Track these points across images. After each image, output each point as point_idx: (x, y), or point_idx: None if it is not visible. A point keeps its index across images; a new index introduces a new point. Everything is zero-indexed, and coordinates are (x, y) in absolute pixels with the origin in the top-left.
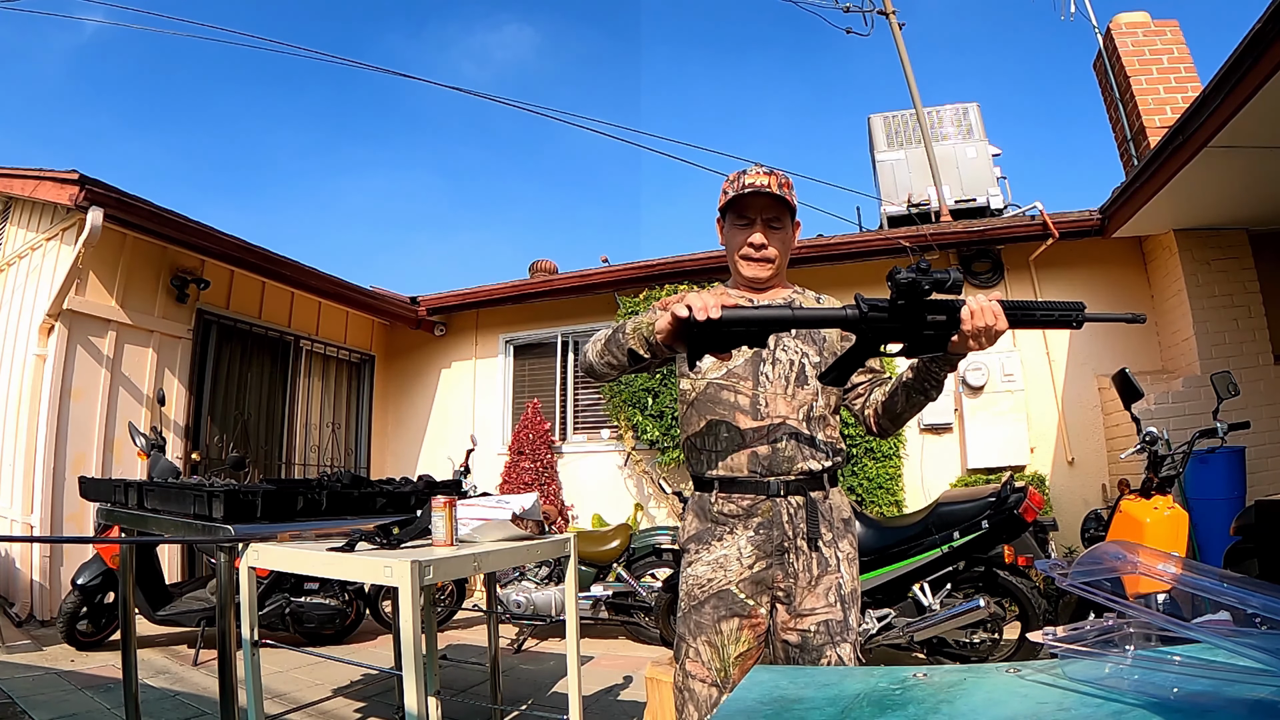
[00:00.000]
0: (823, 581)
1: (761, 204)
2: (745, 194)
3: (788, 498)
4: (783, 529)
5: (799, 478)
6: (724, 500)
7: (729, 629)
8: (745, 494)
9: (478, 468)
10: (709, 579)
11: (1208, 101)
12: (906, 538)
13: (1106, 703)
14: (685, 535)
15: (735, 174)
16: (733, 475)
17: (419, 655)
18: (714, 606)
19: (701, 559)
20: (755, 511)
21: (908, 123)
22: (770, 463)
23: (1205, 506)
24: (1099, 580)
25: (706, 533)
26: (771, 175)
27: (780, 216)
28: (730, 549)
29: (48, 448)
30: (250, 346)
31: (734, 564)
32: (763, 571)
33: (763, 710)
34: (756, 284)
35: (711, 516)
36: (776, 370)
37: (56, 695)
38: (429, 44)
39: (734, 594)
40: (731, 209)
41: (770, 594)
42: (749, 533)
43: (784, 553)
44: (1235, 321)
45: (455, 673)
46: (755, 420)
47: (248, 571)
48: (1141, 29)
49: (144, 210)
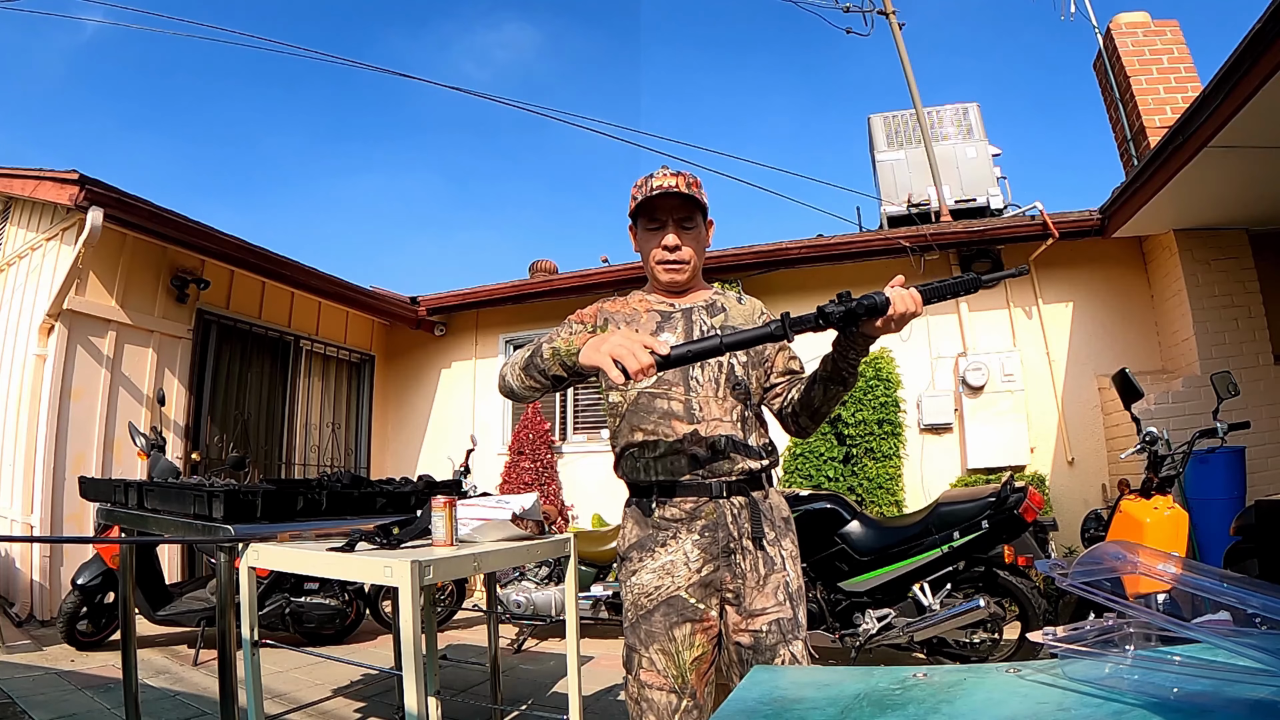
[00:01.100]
0: (770, 580)
1: (671, 205)
2: (654, 196)
3: (730, 498)
4: (728, 530)
5: (740, 478)
6: (665, 505)
7: (682, 635)
8: (687, 497)
9: (478, 468)
10: (656, 586)
11: (1208, 101)
12: (906, 538)
13: (1106, 703)
14: (625, 543)
15: (642, 179)
16: (673, 479)
17: (419, 655)
18: (664, 614)
19: (646, 566)
20: (699, 514)
21: (908, 123)
22: (711, 465)
23: (1205, 506)
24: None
25: (649, 539)
26: (679, 175)
27: (692, 216)
28: (676, 554)
29: (48, 448)
30: (250, 346)
31: (681, 569)
32: (711, 574)
33: (762, 710)
34: (674, 288)
35: (653, 523)
36: (706, 374)
37: (56, 695)
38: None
39: (684, 599)
40: (642, 214)
41: (719, 596)
42: (694, 536)
43: (730, 554)
44: (1235, 321)
45: (455, 673)
46: (691, 424)
47: (248, 571)
48: (1141, 29)
49: (144, 210)
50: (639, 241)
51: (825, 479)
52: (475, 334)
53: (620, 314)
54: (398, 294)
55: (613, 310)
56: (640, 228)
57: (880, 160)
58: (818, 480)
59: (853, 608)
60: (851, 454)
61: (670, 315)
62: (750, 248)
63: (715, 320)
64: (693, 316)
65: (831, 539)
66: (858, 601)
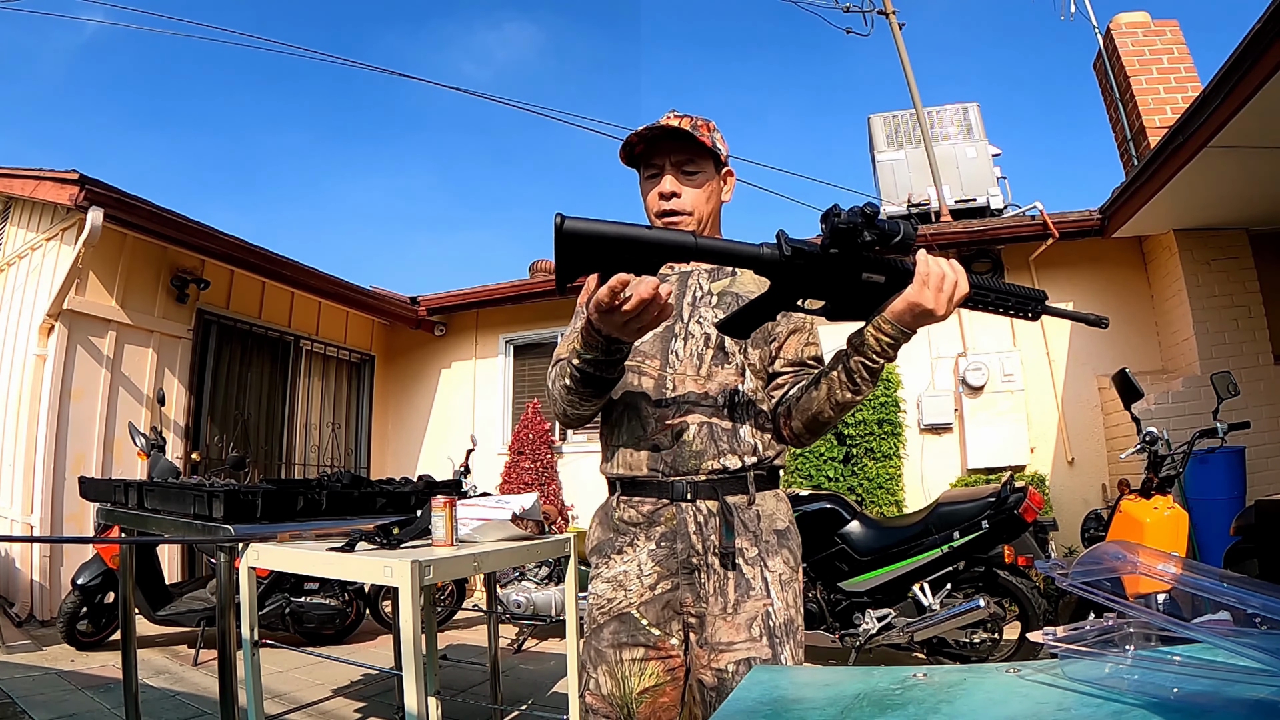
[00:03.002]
0: (744, 609)
1: (670, 147)
2: (650, 137)
3: (696, 502)
4: (689, 541)
5: (711, 478)
6: (625, 505)
7: (631, 659)
8: (646, 497)
9: (478, 468)
10: (609, 599)
11: (1208, 101)
12: (906, 538)
13: (1106, 703)
14: (588, 546)
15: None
16: (632, 475)
17: (419, 655)
18: (614, 631)
19: (602, 575)
20: (657, 519)
21: (908, 123)
22: (674, 459)
23: (1205, 506)
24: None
25: (607, 544)
26: (684, 117)
27: (695, 160)
28: (630, 564)
29: (48, 448)
30: (250, 346)
31: (634, 582)
32: (668, 593)
33: (762, 710)
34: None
35: (613, 525)
36: (688, 346)
37: (56, 695)
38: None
39: (635, 619)
40: (641, 160)
41: (681, 620)
42: (650, 545)
43: (692, 570)
44: (1235, 321)
45: (455, 673)
46: (661, 408)
47: (248, 571)
48: (1141, 29)
49: (144, 210)
50: (641, 189)
51: (825, 479)
52: (475, 334)
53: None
54: (398, 294)
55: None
56: (641, 179)
57: (880, 160)
58: (818, 480)
59: (853, 608)
60: (851, 454)
61: (663, 279)
62: None
63: (716, 286)
64: (688, 282)
65: (831, 539)
66: (858, 601)
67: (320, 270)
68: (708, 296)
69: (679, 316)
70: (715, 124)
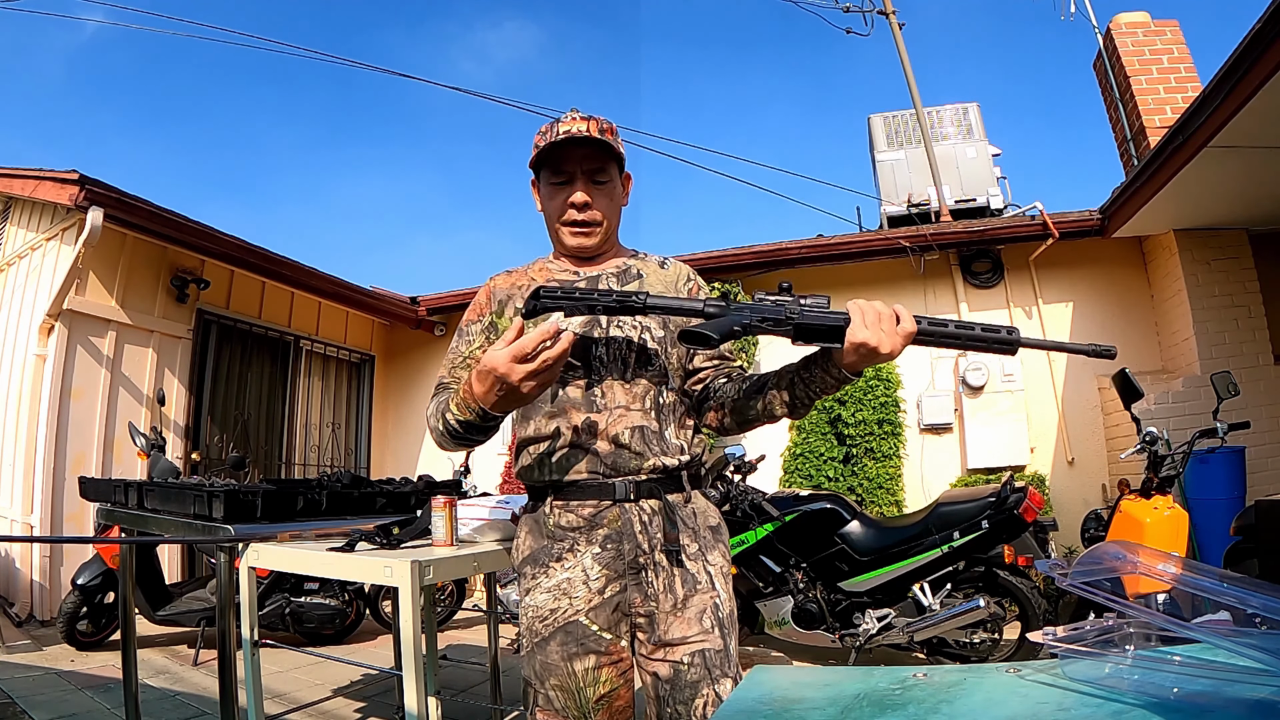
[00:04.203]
0: (692, 603)
1: (581, 155)
2: (559, 143)
3: (639, 502)
4: (635, 541)
5: (651, 477)
6: (561, 510)
7: (583, 668)
8: (586, 500)
9: (478, 468)
10: (551, 609)
11: (1208, 101)
12: (906, 538)
13: (1106, 703)
14: (519, 557)
15: (546, 125)
16: (570, 478)
17: (419, 655)
18: (561, 643)
19: (540, 585)
20: (599, 521)
21: (908, 123)
22: (614, 461)
23: (1205, 506)
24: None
25: (543, 552)
26: (591, 120)
27: (605, 168)
28: (574, 571)
29: (48, 448)
30: (250, 346)
31: (580, 589)
32: (616, 595)
33: (762, 710)
34: (583, 254)
35: (548, 532)
36: (611, 352)
37: (56, 695)
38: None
39: (584, 625)
40: (545, 165)
41: (629, 621)
42: (594, 548)
43: (639, 570)
44: (1235, 321)
45: (455, 673)
46: (592, 413)
47: (248, 571)
48: (1141, 29)
49: (144, 210)
50: (542, 199)
51: (825, 479)
52: None
53: (517, 290)
54: (398, 294)
55: (507, 286)
56: (543, 182)
57: (880, 160)
58: (818, 480)
59: (853, 608)
60: (851, 454)
61: (570, 286)
62: (750, 248)
63: (628, 289)
64: (598, 286)
65: (831, 539)
66: (858, 601)
67: (320, 270)
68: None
69: (595, 323)
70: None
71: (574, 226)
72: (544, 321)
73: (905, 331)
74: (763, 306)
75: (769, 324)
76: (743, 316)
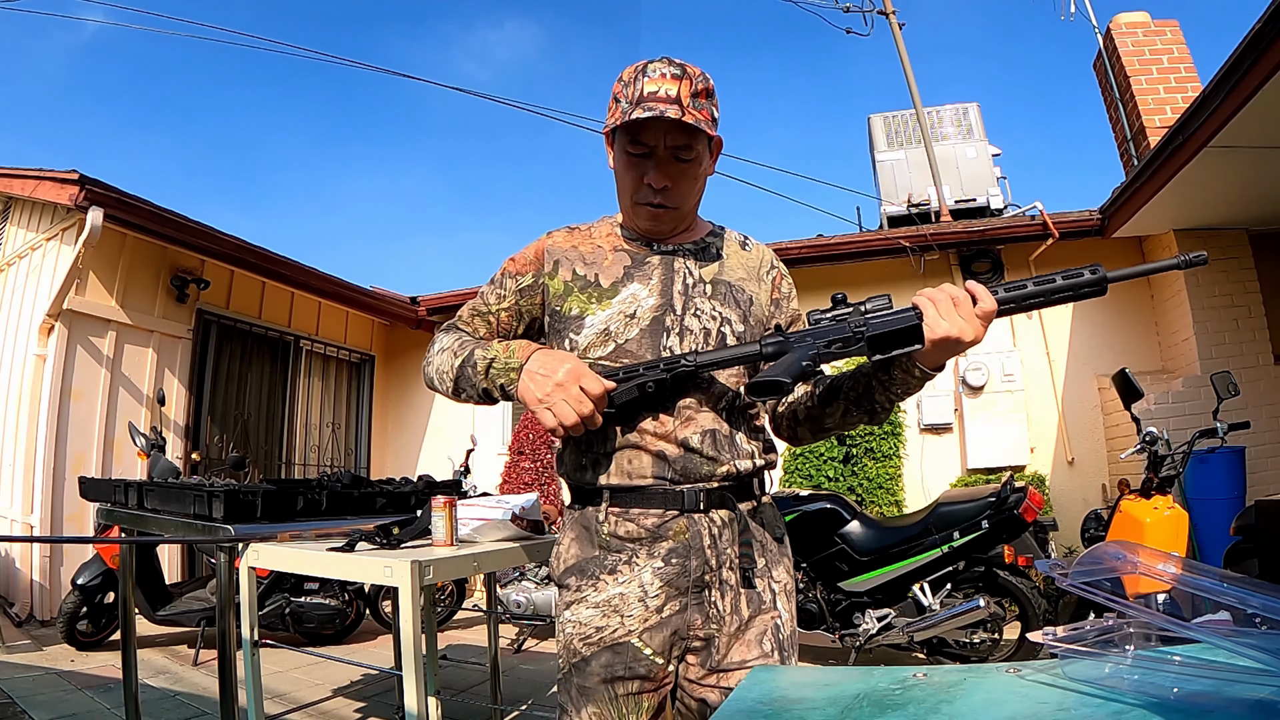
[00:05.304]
0: (755, 624)
1: (667, 127)
2: (646, 119)
3: (709, 513)
4: (703, 556)
5: (723, 485)
6: (618, 518)
7: (626, 694)
8: (650, 508)
9: (478, 468)
10: (599, 627)
11: (1208, 101)
12: (906, 538)
13: (1106, 703)
14: (562, 566)
15: (633, 70)
16: (631, 483)
17: (419, 655)
18: (606, 664)
19: (587, 599)
20: (664, 533)
21: (908, 123)
22: (684, 466)
23: (1205, 506)
24: (1099, 580)
25: (593, 563)
26: (682, 80)
27: (693, 144)
28: (629, 586)
29: (48, 448)
30: (250, 346)
31: (635, 606)
32: (675, 615)
33: (762, 710)
34: (655, 236)
35: (601, 540)
36: (686, 344)
37: (56, 695)
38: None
39: (635, 648)
40: (624, 129)
41: (684, 645)
42: (655, 562)
43: (704, 589)
44: (1235, 321)
45: (455, 673)
46: (660, 411)
47: (248, 571)
48: (1141, 29)
49: (144, 210)
50: (616, 164)
51: (825, 479)
52: None
53: (577, 253)
54: (398, 294)
55: (567, 247)
56: (619, 147)
57: (880, 160)
58: (818, 480)
59: (853, 608)
60: (851, 454)
61: (644, 262)
62: None
63: (708, 272)
64: (674, 266)
65: (831, 539)
66: (858, 601)
67: (320, 270)
68: (700, 284)
69: (669, 307)
70: (711, 79)
71: (651, 208)
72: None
73: (985, 312)
74: (825, 329)
75: (838, 346)
76: (808, 347)
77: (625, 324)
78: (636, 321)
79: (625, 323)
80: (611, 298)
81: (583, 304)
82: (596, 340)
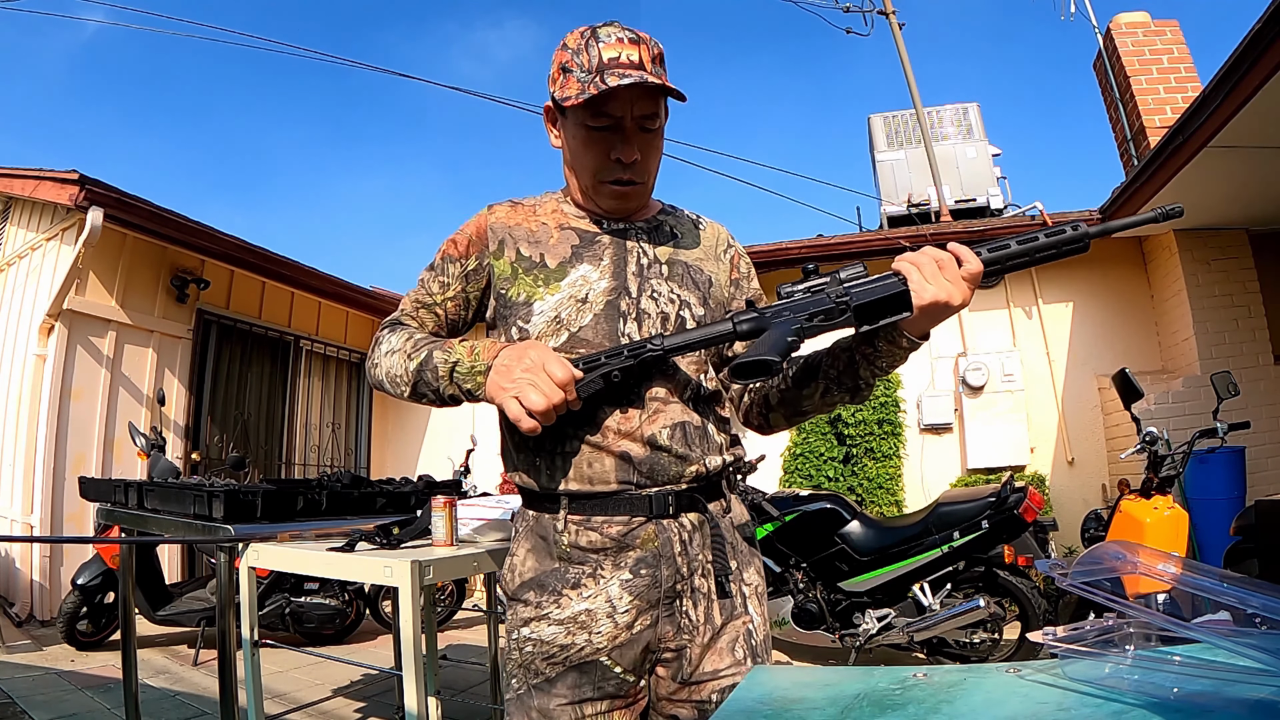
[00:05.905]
0: (728, 631)
1: (635, 95)
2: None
3: (679, 517)
4: (675, 565)
5: (693, 485)
6: (579, 528)
7: (595, 713)
8: (615, 515)
9: (478, 468)
10: (563, 646)
11: (1208, 101)
12: (906, 538)
13: (1106, 703)
14: (517, 580)
15: (578, 36)
16: (593, 489)
17: (419, 655)
18: (573, 685)
19: (549, 616)
20: (631, 542)
21: (908, 123)
22: (651, 467)
23: (1205, 506)
24: (1099, 580)
25: (553, 576)
26: (640, 45)
27: (658, 113)
28: (596, 601)
29: (48, 448)
30: (250, 346)
31: (603, 623)
32: (647, 630)
33: (762, 710)
34: (618, 215)
35: (560, 552)
36: (645, 329)
37: (56, 695)
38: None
39: (605, 667)
40: (587, 102)
41: (655, 658)
42: (622, 574)
43: (675, 598)
44: (1235, 321)
45: (455, 673)
46: (620, 406)
47: (248, 571)
48: (1141, 29)
49: (144, 210)
50: (571, 141)
51: (825, 479)
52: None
53: (523, 230)
54: (398, 294)
55: (511, 224)
56: (576, 121)
57: (880, 160)
58: (818, 480)
59: (853, 608)
60: (851, 454)
61: (593, 241)
62: (750, 248)
63: (663, 252)
64: (626, 245)
65: (831, 539)
66: (858, 601)
67: (320, 270)
68: (655, 265)
69: (624, 290)
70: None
71: (615, 185)
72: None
73: (971, 273)
74: (803, 302)
75: (820, 320)
76: (789, 321)
77: (578, 310)
78: (589, 306)
79: (577, 308)
80: (560, 280)
81: (529, 288)
82: (548, 329)
